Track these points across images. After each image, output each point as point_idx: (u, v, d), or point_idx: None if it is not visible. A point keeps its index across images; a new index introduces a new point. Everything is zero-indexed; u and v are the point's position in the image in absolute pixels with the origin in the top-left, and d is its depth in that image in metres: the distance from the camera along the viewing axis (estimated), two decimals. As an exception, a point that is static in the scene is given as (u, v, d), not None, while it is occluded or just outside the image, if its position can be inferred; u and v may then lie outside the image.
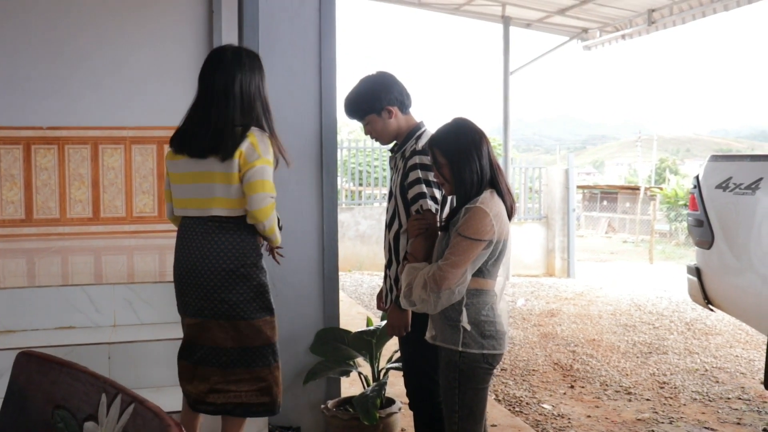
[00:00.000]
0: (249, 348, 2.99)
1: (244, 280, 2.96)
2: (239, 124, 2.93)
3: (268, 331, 3.02)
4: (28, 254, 5.89)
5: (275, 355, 3.05)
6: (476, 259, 2.68)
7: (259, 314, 3.00)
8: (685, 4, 10.54)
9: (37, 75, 6.76)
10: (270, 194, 2.91)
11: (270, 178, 2.93)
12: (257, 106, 3.00)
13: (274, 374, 3.04)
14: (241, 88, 2.97)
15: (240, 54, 3.05)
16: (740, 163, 4.57)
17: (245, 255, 2.96)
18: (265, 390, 3.02)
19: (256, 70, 3.04)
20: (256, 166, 2.88)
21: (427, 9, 13.19)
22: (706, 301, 4.76)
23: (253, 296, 2.98)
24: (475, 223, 2.67)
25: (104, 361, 3.75)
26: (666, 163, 53.50)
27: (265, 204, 2.89)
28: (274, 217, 2.97)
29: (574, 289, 10.89)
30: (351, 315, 7.65)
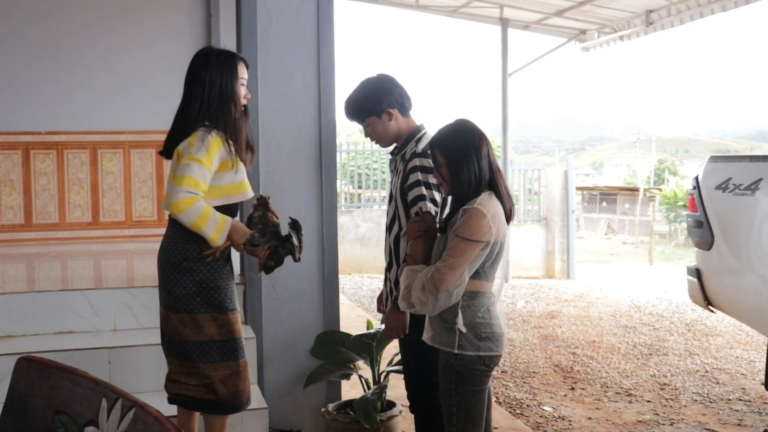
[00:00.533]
0: (190, 342, 3.00)
1: (187, 274, 2.98)
2: (196, 125, 2.97)
3: (211, 329, 2.99)
4: (28, 259, 5.89)
5: (223, 354, 3.01)
6: (474, 260, 2.68)
7: (202, 309, 2.98)
8: (682, 4, 10.54)
9: (36, 80, 6.76)
10: (186, 189, 2.84)
11: (193, 174, 2.86)
12: (214, 105, 3.00)
13: (219, 373, 3.00)
14: (202, 88, 3.00)
15: (204, 54, 3.07)
16: (740, 164, 4.57)
17: (187, 249, 2.98)
18: (209, 387, 3.00)
19: (219, 69, 3.02)
20: (181, 163, 2.90)
21: (426, 11, 13.20)
22: (707, 302, 4.75)
23: (196, 291, 2.98)
24: (472, 224, 2.66)
25: (104, 366, 3.75)
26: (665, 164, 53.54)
27: (178, 197, 2.84)
28: (193, 214, 2.85)
29: (574, 290, 10.89)
30: (351, 318, 7.65)
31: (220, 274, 3.01)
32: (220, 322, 3.00)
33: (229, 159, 2.98)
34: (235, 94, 3.04)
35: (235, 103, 3.04)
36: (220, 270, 3.02)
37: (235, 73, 3.05)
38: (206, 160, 2.89)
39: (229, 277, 3.09)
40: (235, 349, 3.04)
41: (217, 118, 2.99)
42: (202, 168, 2.88)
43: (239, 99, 3.07)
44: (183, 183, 2.85)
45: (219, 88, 3.00)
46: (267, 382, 4.19)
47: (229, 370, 3.02)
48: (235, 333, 3.04)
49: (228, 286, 3.05)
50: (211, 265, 2.99)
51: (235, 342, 3.05)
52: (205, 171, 2.89)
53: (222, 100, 3.00)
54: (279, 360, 4.24)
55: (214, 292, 2.99)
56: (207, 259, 2.98)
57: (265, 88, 4.18)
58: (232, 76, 3.03)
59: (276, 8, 4.20)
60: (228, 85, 3.02)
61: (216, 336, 3.00)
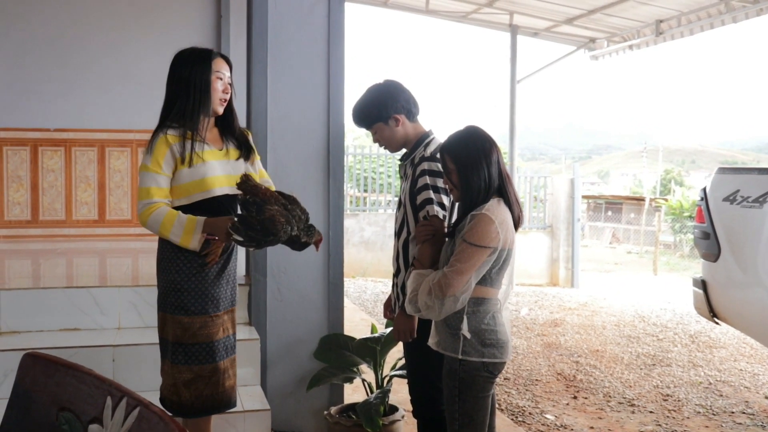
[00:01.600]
0: (163, 340, 3.04)
1: (163, 273, 3.00)
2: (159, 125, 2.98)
3: (176, 330, 2.95)
4: (34, 255, 5.90)
5: (188, 357, 2.95)
6: (481, 266, 2.68)
7: (169, 310, 2.96)
8: (693, 15, 10.54)
9: (45, 77, 6.79)
10: (141, 201, 2.86)
11: (143, 185, 2.86)
12: (178, 100, 2.94)
13: (183, 375, 2.95)
14: (172, 86, 2.98)
15: (179, 52, 3.03)
16: (748, 176, 4.56)
17: (164, 248, 2.99)
18: (174, 388, 2.98)
19: (190, 64, 2.95)
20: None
21: (435, 17, 13.21)
22: (712, 314, 4.74)
23: (166, 291, 2.98)
24: (480, 229, 2.67)
25: (108, 364, 3.76)
26: (671, 174, 53.45)
27: (139, 212, 2.90)
28: (153, 223, 2.85)
29: (578, 299, 10.87)
30: (354, 321, 7.65)
31: (191, 276, 2.94)
32: (185, 325, 2.95)
33: (184, 155, 2.89)
34: (203, 85, 2.93)
35: (202, 94, 2.93)
36: (193, 272, 2.95)
37: (206, 67, 2.95)
38: (152, 165, 2.87)
39: (207, 281, 2.98)
40: (199, 353, 2.96)
41: (181, 114, 2.92)
42: (149, 174, 2.87)
43: (209, 91, 2.95)
44: (139, 197, 2.90)
45: (186, 82, 2.92)
46: (270, 384, 4.19)
47: (191, 373, 2.95)
48: (200, 338, 2.96)
49: (198, 288, 2.96)
50: (180, 266, 2.94)
51: (200, 346, 2.96)
52: (153, 176, 2.87)
53: (187, 94, 2.92)
54: (282, 362, 4.24)
55: (180, 294, 2.94)
56: (207, 266, 2.96)
57: (274, 91, 4.18)
58: (202, 69, 2.94)
59: (287, 11, 4.21)
60: (196, 77, 2.92)
61: (180, 338, 2.95)
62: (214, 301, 3.01)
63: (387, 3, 12.76)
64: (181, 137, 2.91)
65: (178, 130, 2.92)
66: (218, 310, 3.03)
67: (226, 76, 3.02)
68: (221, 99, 3.00)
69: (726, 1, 9.75)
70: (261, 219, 2.77)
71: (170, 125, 2.92)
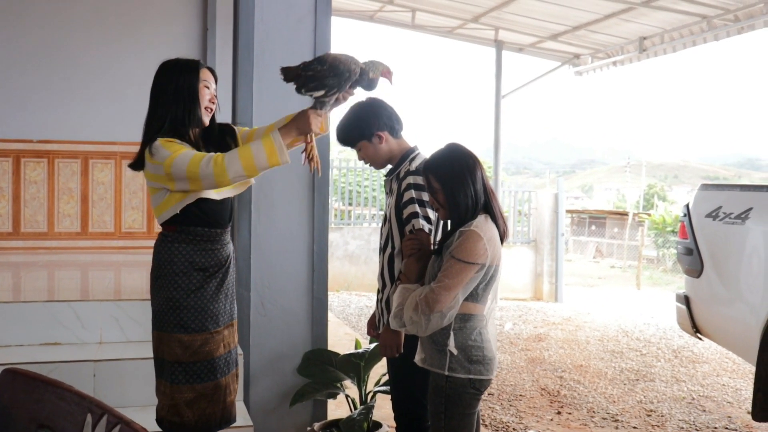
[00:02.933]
0: (161, 360, 2.96)
1: (160, 291, 2.92)
2: (149, 135, 2.90)
3: (176, 349, 2.90)
4: (15, 268, 5.84)
5: (188, 376, 2.91)
6: (468, 282, 2.68)
7: (169, 328, 2.90)
8: (675, 32, 10.66)
9: (28, 88, 6.74)
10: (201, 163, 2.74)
11: (184, 159, 2.75)
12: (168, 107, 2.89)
13: (184, 395, 2.91)
14: (159, 94, 2.92)
15: (165, 62, 2.98)
16: (730, 193, 4.60)
17: (162, 266, 2.93)
18: (174, 409, 2.93)
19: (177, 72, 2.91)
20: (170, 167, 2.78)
21: (421, 31, 13.28)
22: (695, 330, 4.76)
23: (165, 309, 2.91)
24: (469, 246, 2.67)
25: (89, 379, 3.71)
26: (654, 189, 53.75)
27: (208, 169, 2.75)
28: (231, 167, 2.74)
29: (561, 313, 10.88)
30: (338, 336, 7.62)
31: (192, 293, 2.90)
32: (186, 343, 2.89)
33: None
34: (192, 92, 2.89)
35: (192, 101, 2.89)
36: (194, 289, 2.90)
37: (194, 74, 2.91)
38: (175, 148, 2.77)
39: (206, 297, 2.94)
40: (201, 371, 2.92)
41: (176, 123, 2.86)
42: (183, 153, 2.76)
43: (197, 100, 2.91)
44: (192, 168, 2.72)
45: (174, 92, 2.86)
46: (253, 400, 4.16)
47: (194, 392, 2.90)
48: (202, 355, 2.91)
49: (198, 305, 2.91)
50: (178, 283, 2.88)
51: (201, 364, 2.92)
52: (187, 151, 2.77)
53: (176, 103, 2.86)
54: (266, 377, 4.21)
55: (180, 312, 2.88)
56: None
57: (259, 105, 4.17)
58: (189, 76, 2.90)
59: (273, 25, 4.21)
60: (185, 84, 2.88)
61: (181, 357, 2.89)
62: (213, 317, 2.96)
63: (373, 17, 12.81)
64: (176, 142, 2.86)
65: (170, 138, 2.85)
66: (218, 325, 2.98)
67: (212, 87, 2.99)
68: (207, 108, 2.96)
69: (708, 19, 9.87)
70: (327, 68, 2.85)
71: (163, 136, 2.84)
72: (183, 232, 2.90)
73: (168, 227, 2.92)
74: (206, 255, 2.93)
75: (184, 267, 2.90)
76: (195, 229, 2.91)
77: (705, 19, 9.91)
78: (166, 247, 2.91)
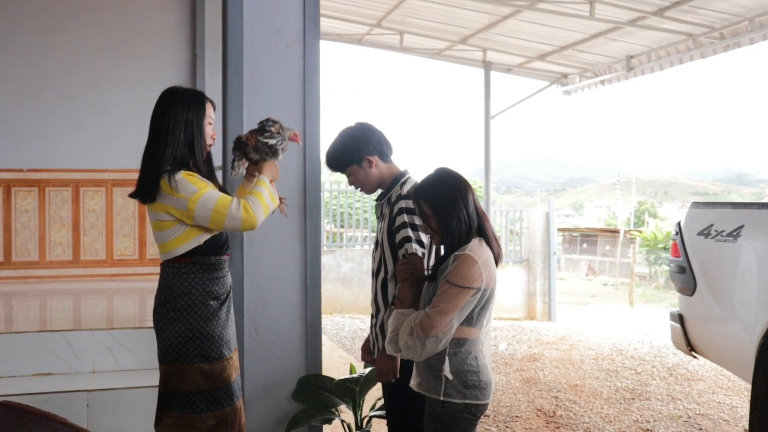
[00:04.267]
0: (176, 392, 2.95)
1: (174, 324, 2.93)
2: (163, 165, 2.89)
3: (197, 379, 2.92)
4: (6, 297, 5.81)
5: (209, 404, 2.94)
6: (464, 307, 2.67)
7: (188, 360, 2.91)
8: (662, 51, 10.75)
9: (19, 117, 6.75)
10: (230, 207, 2.85)
11: (211, 200, 2.85)
12: (180, 142, 2.92)
13: (206, 423, 2.93)
14: (169, 125, 2.92)
15: (171, 91, 3.00)
16: (721, 210, 4.61)
17: (174, 298, 2.94)
18: None
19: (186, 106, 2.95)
20: (195, 209, 2.86)
21: (409, 54, 13.36)
22: (690, 348, 4.76)
23: (182, 341, 2.92)
24: (463, 270, 2.66)
25: (83, 409, 3.69)
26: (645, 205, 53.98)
27: (237, 215, 2.88)
28: (256, 207, 2.92)
29: (555, 333, 10.87)
30: (332, 359, 7.59)
31: (209, 321, 2.92)
32: (207, 372, 2.91)
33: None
34: (202, 130, 2.95)
35: (201, 137, 2.95)
36: (211, 317, 2.92)
37: (202, 111, 2.97)
38: (201, 186, 2.83)
39: (220, 324, 2.96)
40: (221, 397, 2.95)
41: (184, 156, 2.90)
42: (208, 192, 2.83)
43: (205, 136, 2.98)
44: (221, 211, 2.82)
45: (185, 124, 2.90)
46: (248, 427, 4.11)
47: (215, 419, 2.93)
48: (221, 382, 2.94)
49: (215, 333, 2.93)
50: (198, 312, 2.90)
51: (221, 391, 2.95)
52: (211, 190, 2.85)
53: (187, 135, 2.90)
54: (260, 403, 4.18)
55: (201, 341, 2.90)
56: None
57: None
58: (198, 113, 2.95)
59: (262, 50, 4.22)
60: (193, 119, 2.92)
61: (202, 386, 2.90)
62: (227, 344, 3.00)
63: (362, 41, 12.89)
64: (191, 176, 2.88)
65: (186, 171, 2.87)
66: (230, 351, 3.03)
67: (213, 122, 3.05)
68: (209, 144, 3.03)
69: (694, 37, 9.96)
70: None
71: (175, 168, 2.86)
72: (197, 263, 2.93)
73: (182, 259, 2.92)
74: (218, 282, 2.97)
75: (201, 296, 2.92)
76: (208, 258, 2.95)
77: (691, 37, 10.01)
78: (181, 279, 2.91)
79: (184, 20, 7.13)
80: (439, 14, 10.90)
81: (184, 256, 2.91)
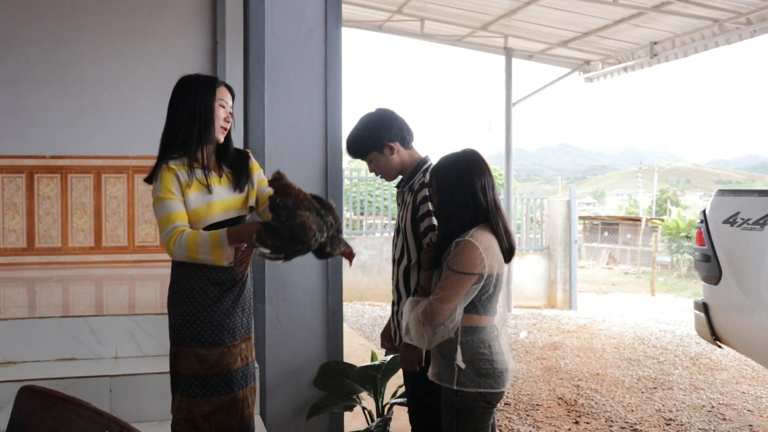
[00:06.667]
0: (177, 374, 2.96)
1: (176, 307, 2.95)
2: (162, 153, 2.92)
3: (193, 363, 2.90)
4: (30, 283, 5.85)
5: (205, 390, 2.91)
6: (468, 293, 2.64)
7: (185, 343, 2.91)
8: (687, 37, 10.60)
9: (41, 104, 6.77)
10: (163, 232, 2.79)
11: (161, 214, 2.81)
12: (184, 127, 2.89)
13: (201, 409, 2.90)
14: (176, 111, 2.91)
15: (183, 78, 2.98)
16: (748, 198, 4.55)
17: (177, 282, 2.94)
18: (191, 422, 2.92)
19: (195, 90, 2.92)
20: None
21: (430, 40, 13.27)
22: (714, 338, 4.71)
23: (181, 324, 2.92)
24: (464, 256, 2.63)
25: (106, 394, 3.70)
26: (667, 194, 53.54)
27: (165, 242, 2.82)
28: (180, 249, 2.77)
29: (576, 321, 10.82)
30: (353, 346, 7.59)
31: (209, 307, 2.89)
32: (201, 358, 2.88)
33: (191, 181, 2.85)
34: (207, 112, 2.90)
35: (207, 120, 2.90)
36: (209, 303, 2.89)
37: (211, 93, 2.92)
38: (164, 193, 2.82)
39: (222, 310, 2.92)
40: (218, 384, 2.91)
41: (190, 141, 2.87)
42: (163, 203, 2.82)
43: (212, 119, 2.92)
44: (160, 228, 2.84)
45: (190, 109, 2.88)
46: (269, 413, 4.13)
47: (210, 406, 2.89)
48: (219, 368, 2.91)
49: (214, 318, 2.90)
50: (195, 298, 2.88)
51: (218, 377, 2.91)
52: (168, 203, 2.81)
53: (191, 121, 2.88)
54: (282, 390, 4.19)
55: (197, 326, 2.88)
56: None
57: (271, 117, 4.16)
58: (206, 95, 2.91)
59: (284, 37, 4.20)
60: (201, 103, 2.89)
61: (198, 371, 2.89)
62: (230, 331, 2.95)
63: (382, 27, 12.82)
64: (185, 165, 2.86)
65: (181, 159, 2.87)
66: (234, 339, 2.97)
67: (228, 105, 2.99)
68: (222, 127, 2.96)
69: (720, 22, 9.81)
70: (291, 225, 2.54)
71: (172, 156, 2.87)
72: None
73: None
74: (222, 269, 2.90)
75: (201, 281, 2.89)
76: None
77: (717, 22, 9.86)
78: (182, 263, 2.89)
79: (205, 7, 7.12)
80: (460, 0, 10.82)
81: None
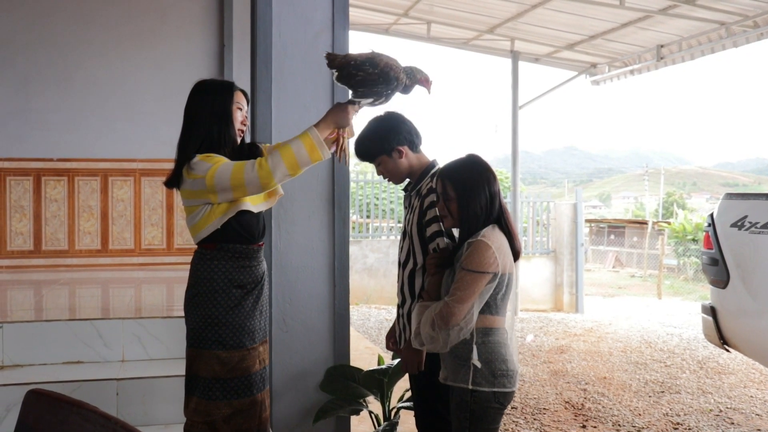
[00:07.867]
0: (196, 377, 2.95)
1: (197, 309, 2.94)
2: (188, 151, 2.90)
3: (215, 365, 2.91)
4: (36, 286, 5.86)
5: (226, 392, 2.93)
6: (482, 293, 2.65)
7: (207, 345, 2.91)
8: (693, 40, 10.58)
9: (48, 107, 6.79)
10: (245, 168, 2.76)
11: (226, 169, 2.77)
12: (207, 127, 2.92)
13: (222, 411, 2.92)
14: (197, 114, 2.94)
15: (200, 83, 3.02)
16: (756, 202, 4.53)
17: (198, 284, 2.94)
18: (211, 425, 2.93)
19: (213, 93, 2.96)
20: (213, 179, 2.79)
21: (437, 44, 13.27)
22: (722, 342, 4.69)
23: (202, 326, 2.92)
24: (478, 256, 2.64)
25: (112, 397, 3.71)
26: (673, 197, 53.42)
27: (252, 174, 2.77)
28: (276, 168, 2.77)
29: (583, 324, 10.79)
30: (359, 350, 7.58)
31: (231, 309, 2.91)
32: (223, 360, 2.90)
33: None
34: (227, 113, 2.94)
35: (226, 122, 2.94)
36: (233, 306, 2.91)
37: (229, 96, 2.97)
38: (216, 159, 2.82)
39: (244, 313, 2.94)
40: (239, 387, 2.93)
41: (211, 143, 2.89)
42: (225, 163, 2.79)
43: (232, 119, 2.96)
44: (237, 176, 2.75)
45: (210, 112, 2.91)
46: (276, 417, 4.13)
47: (231, 408, 2.92)
48: (239, 371, 2.93)
49: (236, 321, 2.91)
50: (217, 300, 2.89)
51: (239, 380, 2.93)
52: (226, 162, 2.80)
53: (211, 121, 2.91)
54: (288, 394, 4.18)
55: (219, 328, 2.89)
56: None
57: (279, 120, 4.16)
58: (224, 98, 2.95)
59: (291, 40, 4.20)
60: (219, 106, 2.93)
61: (219, 373, 2.90)
62: (250, 334, 2.96)
63: (389, 30, 12.82)
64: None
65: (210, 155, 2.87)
66: (254, 342, 2.99)
67: (244, 108, 3.04)
68: (239, 129, 3.00)
69: (726, 25, 9.79)
70: (379, 71, 2.83)
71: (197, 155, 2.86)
72: (222, 249, 2.91)
73: (207, 245, 2.92)
74: (244, 272, 2.94)
75: (224, 284, 2.90)
76: (234, 246, 2.92)
77: (723, 25, 9.84)
78: (205, 265, 2.91)
79: (212, 10, 7.13)
80: (467, 4, 10.81)
81: (208, 241, 2.90)
